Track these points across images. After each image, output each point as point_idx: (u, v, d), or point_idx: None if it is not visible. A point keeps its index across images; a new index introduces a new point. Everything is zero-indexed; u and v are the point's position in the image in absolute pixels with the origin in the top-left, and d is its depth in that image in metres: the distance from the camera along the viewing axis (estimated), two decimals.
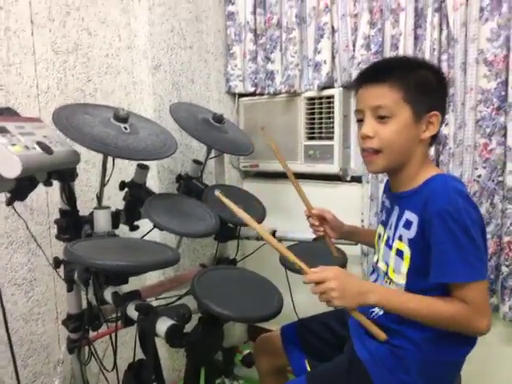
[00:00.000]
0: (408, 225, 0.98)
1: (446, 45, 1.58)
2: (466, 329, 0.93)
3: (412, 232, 0.97)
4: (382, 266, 1.08)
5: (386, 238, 1.08)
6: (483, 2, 1.47)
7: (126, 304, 1.08)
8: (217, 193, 1.03)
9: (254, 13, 2.03)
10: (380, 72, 1.00)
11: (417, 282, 0.97)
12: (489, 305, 0.96)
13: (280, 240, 1.82)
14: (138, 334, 1.10)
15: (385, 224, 1.11)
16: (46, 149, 1.07)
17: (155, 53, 1.83)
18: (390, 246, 1.05)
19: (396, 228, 1.03)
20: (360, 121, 1.03)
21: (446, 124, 1.60)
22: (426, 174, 0.99)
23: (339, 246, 1.39)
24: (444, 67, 1.58)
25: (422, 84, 0.97)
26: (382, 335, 0.97)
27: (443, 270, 0.91)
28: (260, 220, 1.66)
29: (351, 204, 1.91)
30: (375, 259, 1.14)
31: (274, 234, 1.82)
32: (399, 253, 1.00)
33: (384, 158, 0.99)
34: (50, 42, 1.56)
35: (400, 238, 1.01)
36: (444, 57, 1.59)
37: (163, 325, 1.00)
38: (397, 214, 1.04)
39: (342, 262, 1.36)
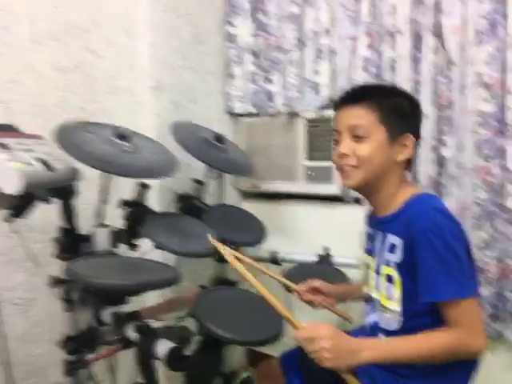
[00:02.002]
0: (392, 248, 0.99)
1: (444, 68, 1.60)
2: (465, 353, 0.91)
3: (398, 256, 0.97)
4: (375, 295, 1.07)
5: (374, 265, 1.08)
6: (478, 25, 1.49)
7: (125, 325, 1.05)
8: (210, 237, 1.03)
9: (254, 35, 2.06)
10: (356, 95, 1.04)
11: (411, 306, 0.96)
12: (482, 323, 0.94)
13: (280, 262, 1.81)
14: (136, 356, 1.07)
15: (371, 252, 1.11)
16: (47, 165, 1.06)
17: (157, 73, 1.85)
18: (379, 273, 1.04)
19: (381, 253, 1.03)
20: (337, 141, 1.05)
21: (446, 146, 1.61)
22: (404, 195, 1.00)
23: None
24: (442, 90, 1.60)
25: (395, 108, 1.01)
26: None
27: (429, 289, 0.91)
28: (259, 240, 1.65)
29: (352, 226, 1.87)
30: (367, 290, 1.12)
31: (274, 256, 1.81)
32: (389, 278, 1.00)
33: (361, 172, 1.01)
34: (52, 60, 1.56)
35: (387, 264, 1.00)
36: (442, 79, 1.61)
37: (163, 347, 0.98)
38: (380, 239, 1.05)
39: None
